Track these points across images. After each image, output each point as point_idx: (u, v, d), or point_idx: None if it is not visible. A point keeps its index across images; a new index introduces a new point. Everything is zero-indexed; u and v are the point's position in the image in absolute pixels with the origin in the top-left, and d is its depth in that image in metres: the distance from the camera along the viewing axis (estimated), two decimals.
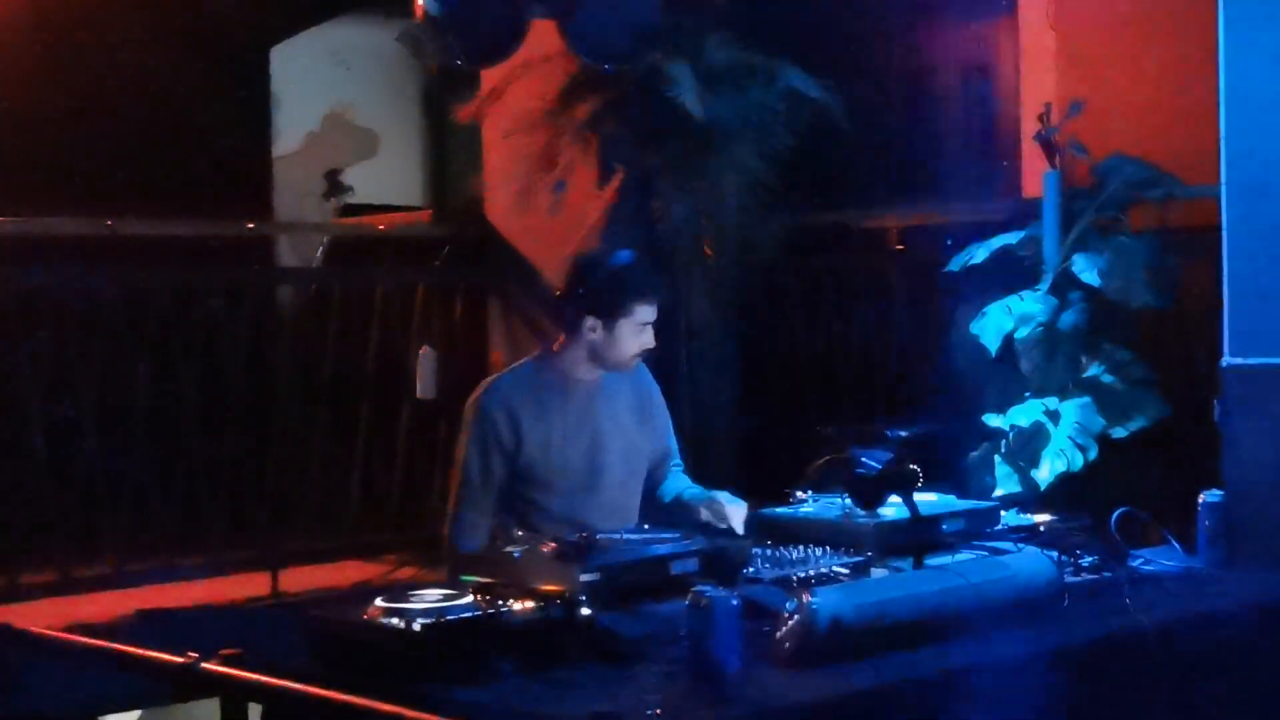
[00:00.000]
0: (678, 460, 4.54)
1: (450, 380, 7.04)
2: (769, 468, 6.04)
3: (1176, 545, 4.01)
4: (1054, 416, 5.42)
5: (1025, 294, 5.58)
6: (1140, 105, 5.95)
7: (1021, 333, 5.52)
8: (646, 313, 4.22)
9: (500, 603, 3.19)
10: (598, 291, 4.22)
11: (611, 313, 4.21)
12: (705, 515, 4.14)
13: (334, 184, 9.52)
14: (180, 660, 3.18)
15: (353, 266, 8.09)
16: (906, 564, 3.73)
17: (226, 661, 3.13)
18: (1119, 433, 5.42)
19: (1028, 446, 5.42)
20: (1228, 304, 4.42)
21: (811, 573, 3.62)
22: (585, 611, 3.19)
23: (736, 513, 4.12)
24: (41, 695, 4.32)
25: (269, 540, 6.63)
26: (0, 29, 7.80)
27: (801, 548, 3.79)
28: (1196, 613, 3.63)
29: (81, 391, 6.32)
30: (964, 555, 3.79)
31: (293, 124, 9.54)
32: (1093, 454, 5.37)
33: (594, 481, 4.27)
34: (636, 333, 4.23)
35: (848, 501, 3.96)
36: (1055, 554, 3.68)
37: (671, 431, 4.54)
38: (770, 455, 6.39)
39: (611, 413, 4.34)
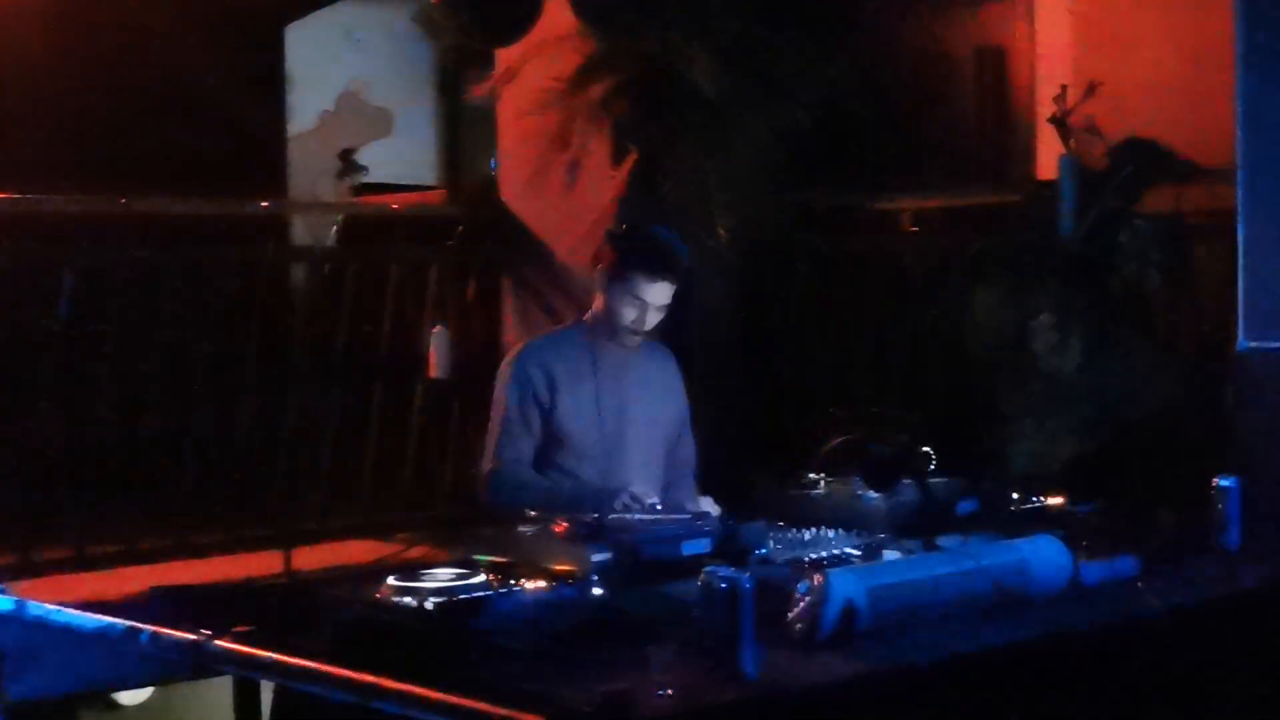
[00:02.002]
0: (691, 469, 4.57)
1: (463, 360, 7.04)
2: (780, 449, 6.06)
3: (1190, 529, 4.00)
4: (1067, 400, 5.41)
5: (1040, 277, 5.57)
6: (1156, 88, 5.93)
7: (1036, 316, 5.51)
8: (640, 287, 4.27)
9: (512, 582, 3.19)
10: (608, 247, 4.32)
11: (609, 272, 4.29)
12: None
13: (348, 163, 9.53)
14: (193, 638, 3.19)
15: (366, 246, 8.08)
16: (918, 546, 3.73)
17: (239, 639, 3.14)
18: (1133, 416, 5.41)
19: (1040, 430, 5.41)
20: (1242, 288, 4.42)
21: (824, 554, 3.63)
22: (597, 591, 3.20)
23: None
24: (54, 672, 4.32)
25: (282, 518, 6.63)
26: (14, 5, 7.80)
27: (814, 529, 3.79)
28: (1209, 597, 3.62)
29: (95, 369, 6.33)
30: (976, 538, 3.79)
31: (307, 103, 9.53)
32: (1106, 438, 5.36)
33: (622, 446, 4.39)
34: (628, 303, 4.29)
35: (860, 483, 3.97)
36: (1067, 537, 3.68)
37: (690, 431, 4.59)
38: (782, 436, 6.39)
39: (640, 382, 4.45)
